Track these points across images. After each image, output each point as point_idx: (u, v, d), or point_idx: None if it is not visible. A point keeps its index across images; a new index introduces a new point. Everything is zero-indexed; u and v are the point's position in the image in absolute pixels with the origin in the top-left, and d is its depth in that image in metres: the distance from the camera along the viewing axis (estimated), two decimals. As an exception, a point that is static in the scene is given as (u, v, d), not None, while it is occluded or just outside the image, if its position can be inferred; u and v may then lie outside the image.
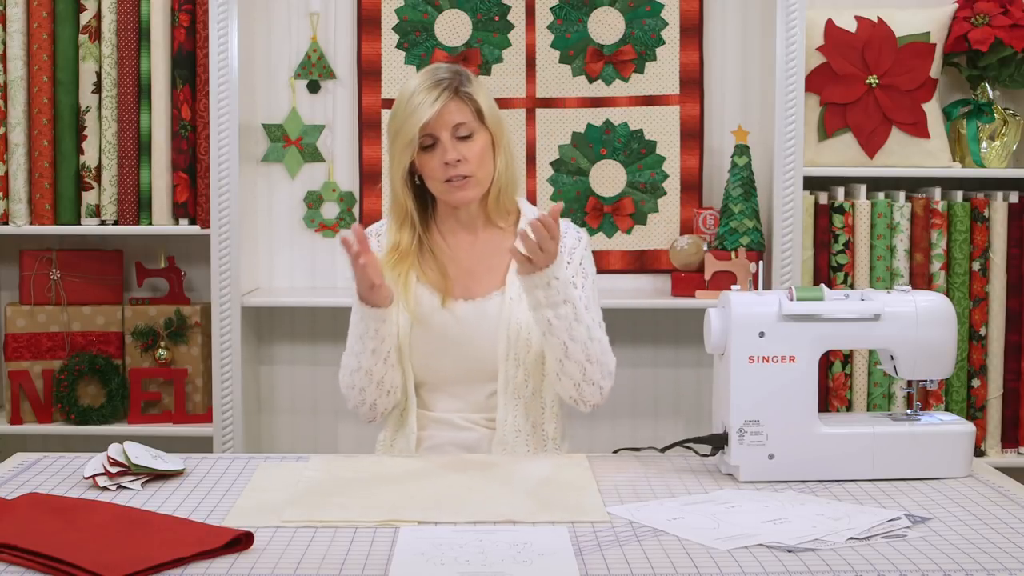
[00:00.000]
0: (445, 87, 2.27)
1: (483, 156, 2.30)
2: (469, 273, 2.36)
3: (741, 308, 2.06)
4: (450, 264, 2.36)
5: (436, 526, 1.78)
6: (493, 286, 2.35)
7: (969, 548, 1.68)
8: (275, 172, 3.38)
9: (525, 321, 2.29)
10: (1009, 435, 3.22)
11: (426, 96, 2.26)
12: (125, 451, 2.02)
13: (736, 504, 1.89)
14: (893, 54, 3.16)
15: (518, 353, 2.30)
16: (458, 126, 2.28)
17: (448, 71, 2.31)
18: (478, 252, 2.37)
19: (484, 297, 2.34)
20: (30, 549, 1.60)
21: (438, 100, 2.25)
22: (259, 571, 1.59)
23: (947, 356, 2.10)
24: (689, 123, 3.33)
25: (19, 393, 3.22)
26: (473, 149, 2.28)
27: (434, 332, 2.32)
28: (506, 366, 2.30)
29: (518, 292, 2.30)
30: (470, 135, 2.29)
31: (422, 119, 2.25)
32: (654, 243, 3.35)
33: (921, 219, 3.16)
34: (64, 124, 3.19)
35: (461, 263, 2.37)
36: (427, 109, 2.25)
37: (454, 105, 2.27)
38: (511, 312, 2.31)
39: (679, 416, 3.41)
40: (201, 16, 3.15)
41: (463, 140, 2.28)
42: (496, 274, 2.35)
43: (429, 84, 2.28)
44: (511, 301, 2.31)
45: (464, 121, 2.28)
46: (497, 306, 2.32)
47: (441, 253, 2.37)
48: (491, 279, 2.35)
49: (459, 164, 2.27)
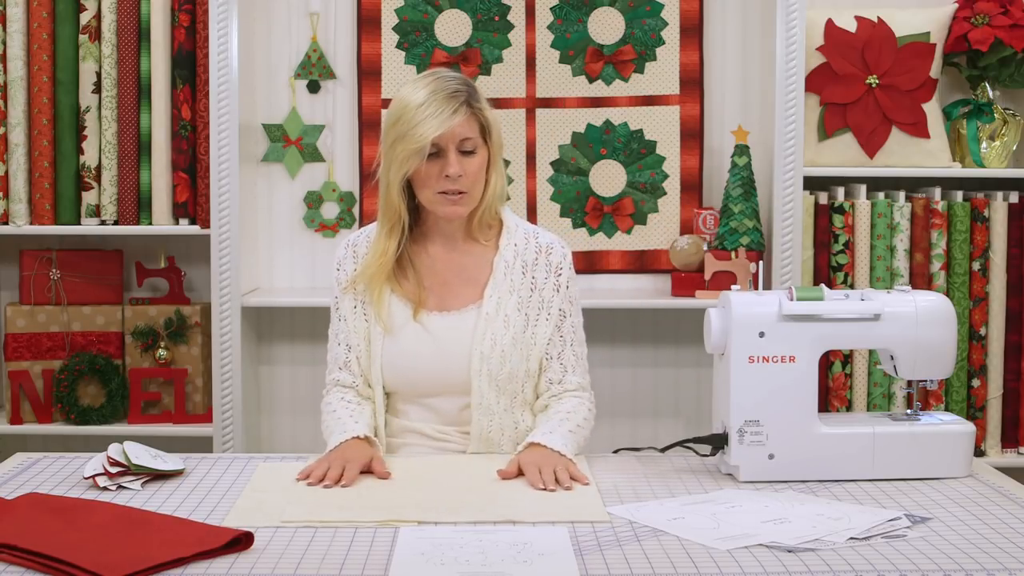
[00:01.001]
0: (463, 100, 2.23)
1: (480, 173, 2.27)
2: (445, 285, 2.33)
3: (741, 308, 2.06)
4: (427, 275, 2.33)
5: (436, 526, 1.78)
6: (470, 300, 2.31)
7: (969, 548, 1.68)
8: (275, 172, 3.37)
9: (501, 337, 2.27)
10: (1009, 435, 3.22)
11: (442, 106, 2.21)
12: (125, 451, 2.02)
13: (736, 504, 1.89)
14: (893, 54, 3.16)
15: (491, 369, 2.25)
16: (464, 140, 2.24)
17: (459, 82, 2.27)
18: (456, 265, 2.34)
19: (460, 310, 2.30)
20: (30, 549, 1.60)
21: (456, 114, 2.21)
22: (259, 571, 1.59)
23: (947, 356, 2.10)
24: (689, 123, 3.33)
25: (19, 393, 3.22)
26: (473, 165, 2.25)
27: (406, 343, 2.29)
28: (479, 381, 2.26)
29: (495, 307, 2.28)
30: (473, 151, 2.25)
31: (438, 130, 2.20)
32: (654, 243, 3.35)
33: (921, 219, 3.16)
34: (64, 124, 3.19)
35: (437, 275, 2.33)
36: (445, 121, 2.20)
37: (466, 119, 2.24)
38: (486, 327, 2.27)
39: (679, 416, 3.41)
40: (201, 16, 3.15)
41: (466, 155, 2.25)
42: (473, 288, 2.32)
43: (445, 94, 2.22)
44: (487, 316, 2.28)
45: (471, 136, 2.24)
46: (472, 320, 2.29)
47: (420, 264, 2.34)
48: (468, 293, 2.32)
49: (458, 179, 2.24)
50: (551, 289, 2.32)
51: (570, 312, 2.33)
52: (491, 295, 2.29)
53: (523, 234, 2.36)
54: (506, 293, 2.30)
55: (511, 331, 2.27)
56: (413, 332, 2.29)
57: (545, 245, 2.35)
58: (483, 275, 2.32)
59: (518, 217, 2.43)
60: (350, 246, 2.39)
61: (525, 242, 2.34)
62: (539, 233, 2.38)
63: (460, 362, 2.27)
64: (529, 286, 2.31)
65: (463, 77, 2.31)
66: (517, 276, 2.31)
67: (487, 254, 2.34)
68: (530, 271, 2.32)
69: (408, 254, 2.33)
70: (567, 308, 2.33)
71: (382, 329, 2.29)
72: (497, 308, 2.28)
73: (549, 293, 2.32)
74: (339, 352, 2.35)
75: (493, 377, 2.26)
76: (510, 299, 2.29)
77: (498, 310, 2.28)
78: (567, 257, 2.36)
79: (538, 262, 2.33)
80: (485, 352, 2.26)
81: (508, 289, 2.30)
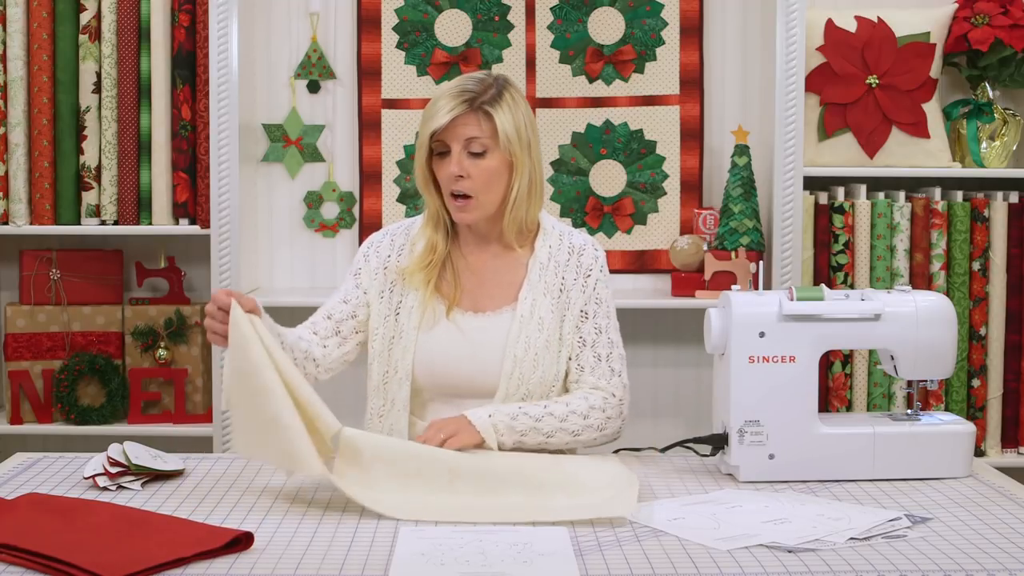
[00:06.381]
0: (465, 99, 2.21)
1: (491, 178, 2.23)
2: (480, 286, 2.31)
3: (741, 308, 2.06)
4: (463, 274, 2.32)
5: (436, 526, 1.78)
6: (504, 302, 2.29)
7: (969, 548, 1.68)
8: (275, 172, 3.38)
9: (535, 340, 2.25)
10: (1009, 435, 3.22)
11: (445, 104, 2.21)
12: (125, 451, 2.02)
13: (736, 504, 1.89)
14: (893, 54, 3.16)
15: (523, 372, 2.24)
16: (471, 140, 2.21)
17: (477, 82, 2.24)
18: (491, 267, 2.32)
19: (494, 312, 2.29)
20: (30, 549, 1.60)
21: (452, 111, 2.19)
22: (259, 571, 1.59)
23: (947, 356, 2.10)
24: (689, 123, 3.33)
25: (19, 393, 3.22)
26: (481, 168, 2.22)
27: (439, 340, 2.27)
28: (507, 384, 2.24)
29: (529, 310, 2.26)
30: (483, 152, 2.22)
31: (434, 125, 2.20)
32: (654, 243, 3.35)
33: (921, 219, 3.16)
34: (64, 124, 3.19)
35: (473, 275, 2.32)
36: (441, 117, 2.20)
37: (471, 118, 2.21)
38: (520, 330, 2.25)
39: (679, 416, 3.41)
40: (201, 16, 3.15)
41: (474, 156, 2.22)
42: (508, 290, 2.30)
43: (454, 91, 2.22)
44: (522, 319, 2.26)
45: (478, 137, 2.21)
46: (507, 322, 2.27)
47: (457, 262, 2.32)
48: (503, 295, 2.30)
49: (461, 180, 2.22)
50: (578, 290, 2.29)
51: (595, 314, 2.29)
52: (525, 297, 2.27)
53: (558, 235, 2.33)
54: (540, 295, 2.28)
55: (544, 334, 2.25)
56: (446, 330, 2.28)
57: (578, 246, 2.32)
58: (518, 277, 2.30)
59: (556, 219, 2.40)
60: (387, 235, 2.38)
61: (559, 243, 2.32)
62: (573, 234, 2.35)
63: (492, 365, 2.24)
64: (559, 287, 2.29)
65: (493, 79, 2.27)
66: (551, 278, 2.29)
67: (522, 256, 2.31)
68: (561, 272, 2.30)
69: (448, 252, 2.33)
70: (590, 309, 2.29)
71: (417, 322, 2.28)
72: (531, 311, 2.26)
73: (576, 295, 2.29)
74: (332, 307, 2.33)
75: (524, 381, 2.24)
76: (544, 301, 2.27)
77: (532, 312, 2.26)
78: (599, 259, 2.33)
79: (569, 263, 2.30)
80: (519, 355, 2.24)
81: (542, 291, 2.28)
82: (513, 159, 2.24)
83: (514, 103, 2.25)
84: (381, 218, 3.34)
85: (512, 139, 2.22)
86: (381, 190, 3.34)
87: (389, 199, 3.35)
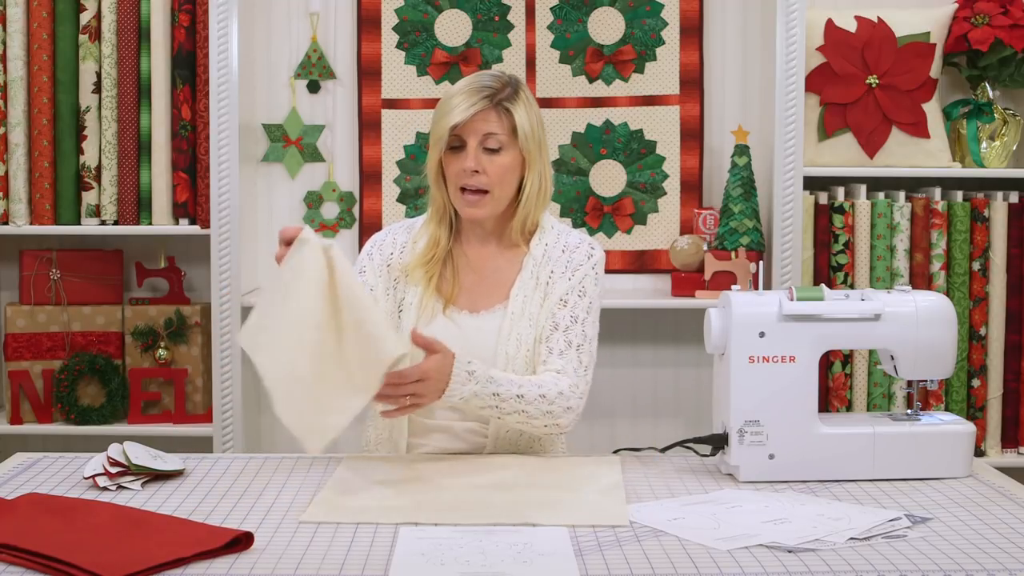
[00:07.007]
0: (486, 95, 2.24)
1: (506, 174, 2.25)
2: (479, 283, 2.32)
3: (741, 308, 2.06)
4: (462, 271, 2.33)
5: (436, 526, 1.78)
6: (497, 300, 2.30)
7: (969, 548, 1.68)
8: (275, 172, 3.38)
9: (526, 337, 2.26)
10: (1009, 435, 3.22)
11: (465, 99, 2.23)
12: (125, 451, 2.02)
13: (736, 504, 1.89)
14: (893, 54, 3.16)
15: (516, 370, 2.24)
16: (488, 136, 2.24)
17: (495, 79, 2.27)
18: (489, 267, 2.33)
19: (488, 311, 2.29)
20: (30, 549, 1.60)
21: (473, 106, 2.22)
22: (259, 571, 1.59)
23: (947, 356, 2.10)
24: (689, 123, 3.33)
25: (19, 393, 3.22)
26: (496, 163, 2.24)
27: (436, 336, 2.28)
28: None
29: (520, 307, 2.27)
30: (499, 149, 2.24)
31: (453, 120, 2.22)
32: (654, 243, 3.35)
33: (921, 219, 3.16)
34: (64, 124, 3.19)
35: (473, 272, 2.33)
36: (461, 112, 2.22)
37: (492, 115, 2.24)
38: (511, 328, 2.26)
39: (679, 416, 3.41)
40: (201, 16, 3.15)
41: (490, 152, 2.24)
42: (502, 288, 2.31)
43: (474, 87, 2.25)
44: (513, 316, 2.27)
45: (495, 133, 2.24)
46: (499, 320, 2.28)
47: (457, 261, 2.33)
48: (498, 292, 2.31)
49: (476, 175, 2.23)
50: (564, 281, 2.29)
51: (575, 304, 2.28)
52: (517, 294, 2.29)
53: (556, 234, 2.34)
54: (531, 291, 2.28)
55: (535, 331, 2.26)
56: (443, 327, 2.27)
57: (573, 244, 2.33)
58: (511, 276, 2.31)
59: (556, 220, 2.41)
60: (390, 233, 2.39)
61: (555, 241, 2.33)
62: (571, 233, 2.36)
63: (486, 360, 2.22)
64: (547, 281, 2.30)
65: (508, 78, 2.30)
66: (542, 274, 2.30)
67: (519, 255, 2.33)
68: (551, 267, 2.30)
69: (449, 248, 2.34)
70: (571, 299, 2.28)
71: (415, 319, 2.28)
72: (523, 308, 2.27)
73: (560, 284, 2.29)
74: None
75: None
76: (534, 297, 2.28)
77: (523, 309, 2.27)
78: (592, 257, 2.32)
79: (561, 259, 2.31)
80: (511, 353, 2.25)
81: (533, 287, 2.29)
82: (527, 157, 2.27)
83: (529, 102, 2.29)
84: (381, 218, 3.34)
85: (528, 136, 2.26)
86: (381, 190, 3.34)
87: (389, 199, 3.35)
